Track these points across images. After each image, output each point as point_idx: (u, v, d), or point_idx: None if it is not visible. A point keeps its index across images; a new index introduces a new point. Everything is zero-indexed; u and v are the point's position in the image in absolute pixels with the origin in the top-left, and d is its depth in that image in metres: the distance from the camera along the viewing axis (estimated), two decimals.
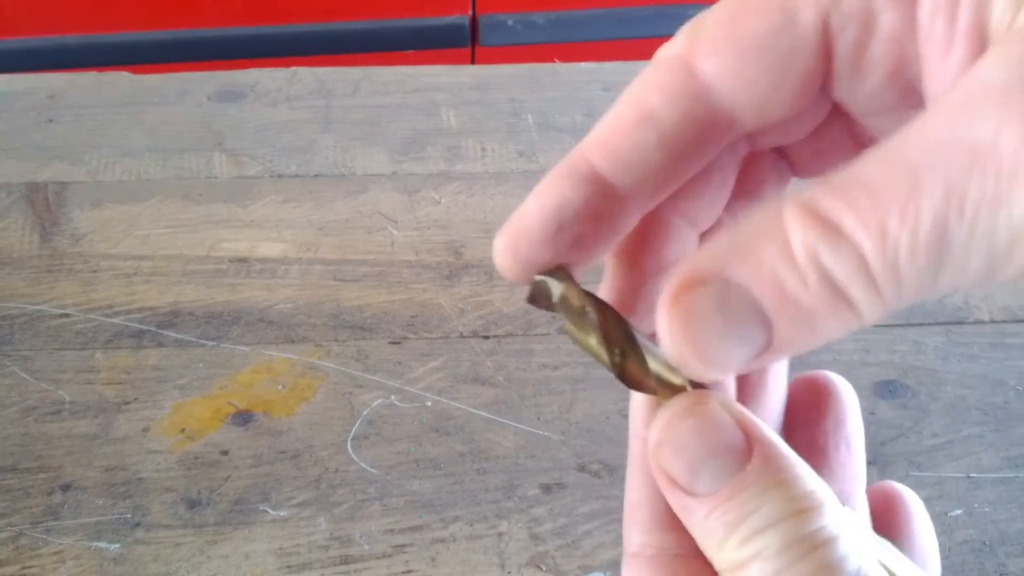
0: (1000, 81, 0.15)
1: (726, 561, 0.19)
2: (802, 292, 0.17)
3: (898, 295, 0.17)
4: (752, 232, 0.18)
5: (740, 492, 0.19)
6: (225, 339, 0.51)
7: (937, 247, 0.16)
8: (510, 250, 0.21)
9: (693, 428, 0.20)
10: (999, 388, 0.49)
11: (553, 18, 1.27)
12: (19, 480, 0.44)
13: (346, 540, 0.42)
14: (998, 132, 0.15)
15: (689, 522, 0.20)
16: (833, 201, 0.17)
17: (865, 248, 0.16)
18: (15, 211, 0.58)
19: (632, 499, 0.22)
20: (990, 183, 0.15)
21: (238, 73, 0.69)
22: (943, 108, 0.16)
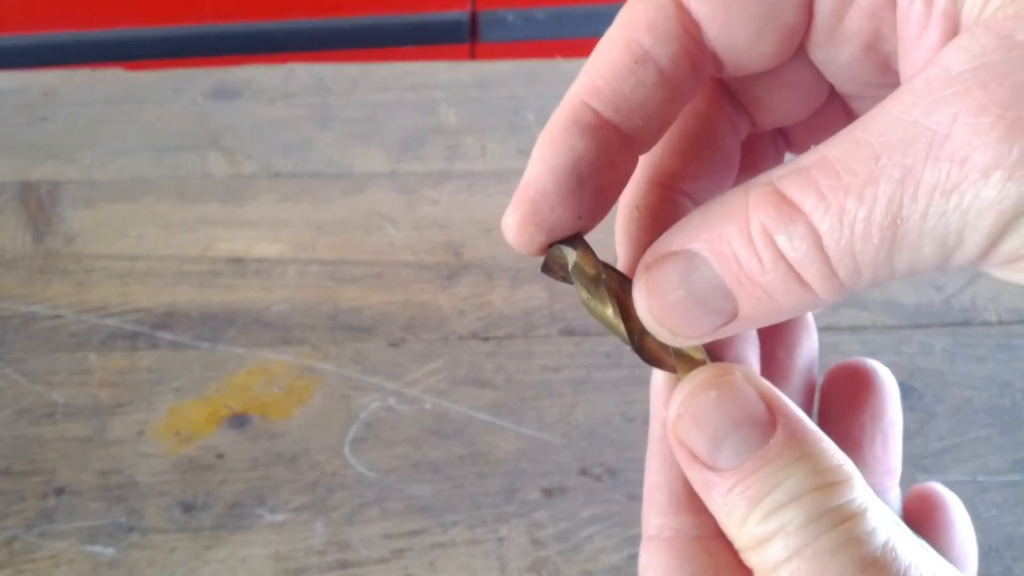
0: (960, 71, 0.16)
1: (748, 537, 0.19)
2: (758, 271, 0.18)
3: (855, 276, 0.17)
4: (719, 210, 0.18)
5: (763, 466, 0.19)
6: (221, 341, 0.50)
7: (891, 229, 0.16)
8: (529, 218, 0.20)
9: (715, 400, 0.19)
10: (1006, 390, 0.49)
11: (554, 14, 1.26)
12: (13, 483, 0.43)
13: (344, 545, 0.42)
14: (953, 121, 0.16)
15: (710, 498, 0.19)
16: (795, 182, 0.17)
17: (821, 228, 0.17)
18: (7, 211, 0.57)
19: (651, 481, 0.22)
20: (943, 170, 0.16)
21: (234, 70, 0.69)
22: (907, 92, 0.17)
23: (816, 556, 0.18)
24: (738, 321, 0.19)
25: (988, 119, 0.15)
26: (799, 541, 0.18)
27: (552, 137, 0.20)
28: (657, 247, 0.20)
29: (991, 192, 0.15)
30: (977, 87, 0.16)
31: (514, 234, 0.20)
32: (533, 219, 0.20)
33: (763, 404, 0.19)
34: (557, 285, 0.53)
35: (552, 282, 0.53)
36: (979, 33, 0.16)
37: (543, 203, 0.20)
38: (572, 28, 1.26)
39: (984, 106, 0.15)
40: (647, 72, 0.20)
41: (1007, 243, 0.16)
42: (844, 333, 0.51)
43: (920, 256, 0.17)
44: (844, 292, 0.18)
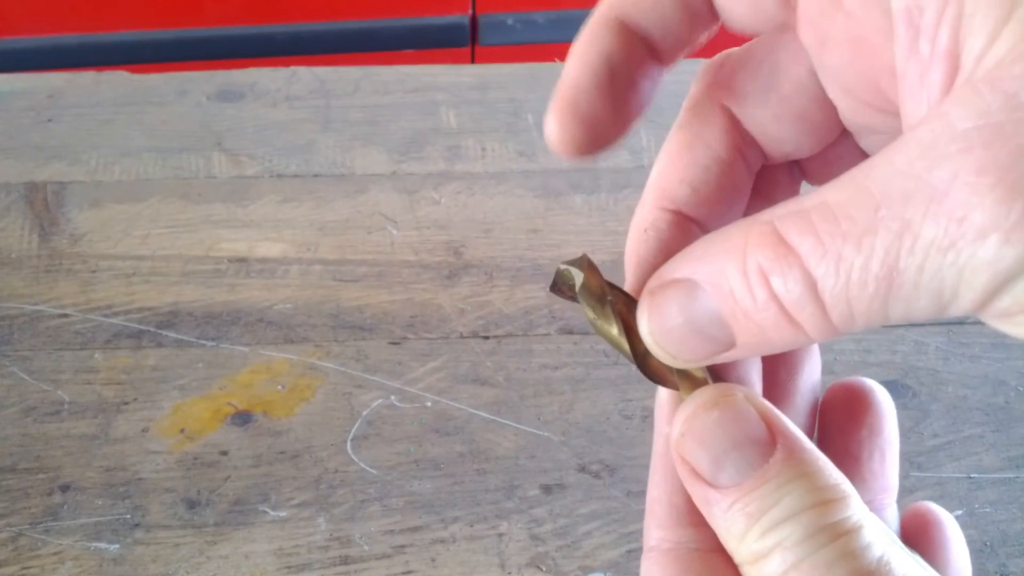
0: (964, 128, 0.16)
1: (747, 552, 0.19)
2: (752, 308, 0.18)
3: (849, 321, 0.17)
4: (721, 243, 0.19)
5: (762, 484, 0.19)
6: (224, 339, 0.50)
7: (887, 279, 0.17)
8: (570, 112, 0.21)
9: (717, 420, 0.20)
10: (1000, 388, 0.49)
11: (553, 17, 1.27)
12: (18, 480, 0.44)
13: (346, 541, 0.42)
14: (953, 179, 0.16)
15: (710, 514, 0.20)
16: (795, 224, 0.17)
17: (817, 274, 0.17)
18: (14, 211, 0.57)
19: (653, 494, 0.22)
20: (941, 226, 0.16)
21: (237, 73, 0.69)
22: (912, 144, 0.17)
23: (813, 570, 0.18)
24: (735, 351, 0.19)
25: (988, 180, 0.15)
26: (796, 556, 0.18)
27: (585, 39, 0.21)
28: (662, 273, 0.20)
29: (987, 253, 0.16)
30: (980, 146, 0.16)
31: (556, 131, 0.21)
32: (574, 113, 0.21)
33: (763, 424, 0.20)
34: None
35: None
36: (985, 91, 0.16)
37: (580, 95, 0.21)
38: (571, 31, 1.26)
39: (985, 166, 0.15)
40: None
41: (1001, 301, 0.16)
42: None
43: (915, 307, 0.17)
44: (837, 334, 0.18)
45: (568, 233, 0.57)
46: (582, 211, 0.58)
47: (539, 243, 0.56)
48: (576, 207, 0.58)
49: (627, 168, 0.61)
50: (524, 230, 0.57)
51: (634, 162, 0.62)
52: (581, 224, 0.57)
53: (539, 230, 0.57)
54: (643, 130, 0.64)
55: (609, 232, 0.57)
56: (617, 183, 0.60)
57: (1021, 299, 0.16)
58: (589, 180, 0.60)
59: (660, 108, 0.74)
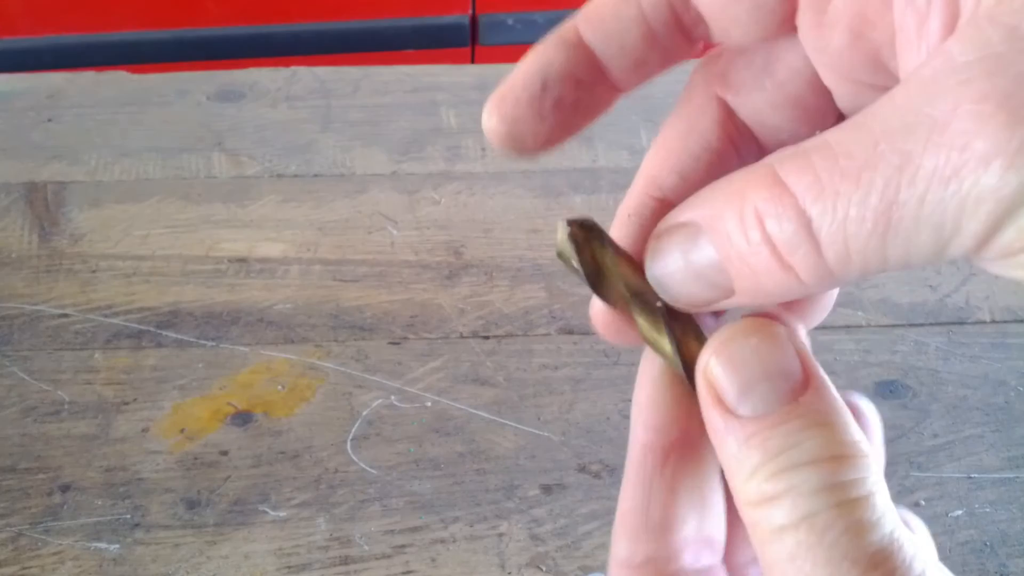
0: (965, 60, 0.16)
1: (754, 493, 0.19)
2: (746, 251, 0.18)
3: (844, 262, 0.17)
4: (725, 187, 0.19)
5: (788, 421, 0.19)
6: (224, 339, 0.50)
7: (886, 214, 0.16)
8: (496, 110, 0.21)
9: (754, 347, 0.19)
10: (1000, 388, 0.49)
11: (553, 17, 1.26)
12: (18, 480, 0.44)
13: (346, 541, 0.42)
14: (955, 109, 0.16)
15: (723, 444, 0.19)
16: (794, 164, 0.17)
17: (812, 212, 0.17)
18: (14, 211, 0.58)
19: (625, 505, 0.22)
20: (943, 156, 0.16)
21: (237, 73, 0.69)
22: (912, 82, 0.17)
23: (825, 530, 0.17)
24: (734, 298, 0.19)
25: (990, 107, 0.15)
26: (806, 508, 0.18)
27: (538, 46, 0.22)
28: (669, 217, 0.20)
29: (990, 180, 0.15)
30: (981, 76, 0.15)
31: (484, 120, 0.22)
32: (499, 111, 0.21)
33: (799, 363, 0.19)
34: (556, 285, 0.54)
35: (551, 282, 0.54)
36: (984, 25, 0.16)
37: (508, 97, 0.21)
38: None
39: (987, 94, 0.15)
40: (628, 8, 0.21)
41: (1004, 234, 0.16)
42: (839, 332, 0.52)
43: (915, 244, 0.16)
44: (833, 280, 0.18)
45: None
46: (582, 211, 0.58)
47: (539, 243, 0.56)
48: (576, 207, 0.58)
49: (627, 168, 0.61)
50: (524, 230, 0.57)
51: (634, 162, 0.62)
52: None
53: (539, 230, 0.57)
54: (643, 130, 0.64)
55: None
56: (617, 183, 0.60)
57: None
58: (589, 180, 0.60)
59: (660, 108, 0.74)
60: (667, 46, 0.21)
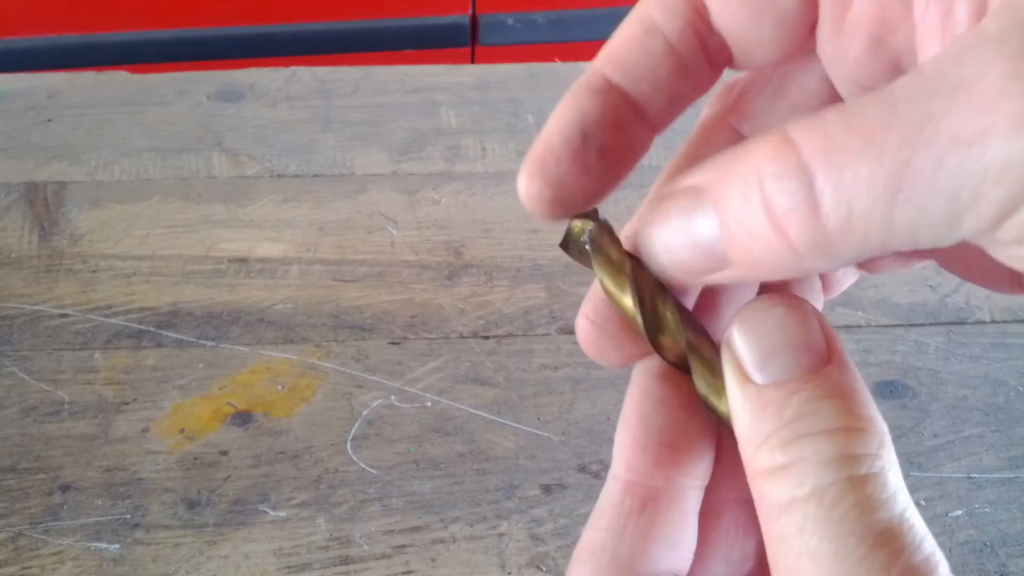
0: (996, 31, 0.15)
1: (765, 462, 0.18)
2: (742, 212, 0.17)
3: (846, 229, 0.16)
4: (735, 151, 0.18)
5: (805, 390, 0.18)
6: (224, 339, 0.50)
7: (898, 178, 0.15)
8: (537, 173, 0.20)
9: (780, 317, 0.19)
10: (1000, 388, 0.49)
11: (553, 17, 1.27)
12: (18, 480, 0.44)
13: (346, 541, 0.42)
14: (984, 71, 0.15)
15: (738, 409, 0.19)
16: (806, 126, 0.16)
17: (816, 170, 0.16)
18: (14, 211, 0.58)
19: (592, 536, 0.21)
20: (967, 118, 0.14)
21: (237, 73, 0.69)
22: (941, 55, 0.16)
23: (834, 504, 0.17)
24: (728, 271, 0.18)
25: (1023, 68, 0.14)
26: (820, 479, 0.17)
27: (565, 100, 0.21)
28: (675, 180, 0.19)
29: (1019, 145, 0.14)
30: (1015, 39, 0.14)
31: (523, 188, 0.20)
32: (541, 173, 0.20)
33: (823, 339, 0.19)
34: (556, 285, 0.54)
35: (551, 282, 0.54)
36: (1017, 3, 0.15)
37: (548, 157, 0.20)
38: (571, 32, 1.27)
39: (1019, 54, 0.14)
40: (655, 42, 0.20)
41: (1022, 213, 0.15)
42: (839, 332, 0.52)
43: (926, 214, 0.15)
44: (827, 250, 0.16)
45: None
46: None
47: (539, 243, 0.56)
48: None
49: None
50: (524, 230, 0.57)
51: None
52: None
53: (539, 230, 0.57)
54: None
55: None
56: None
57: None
58: None
59: None
60: (696, 76, 0.21)
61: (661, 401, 0.21)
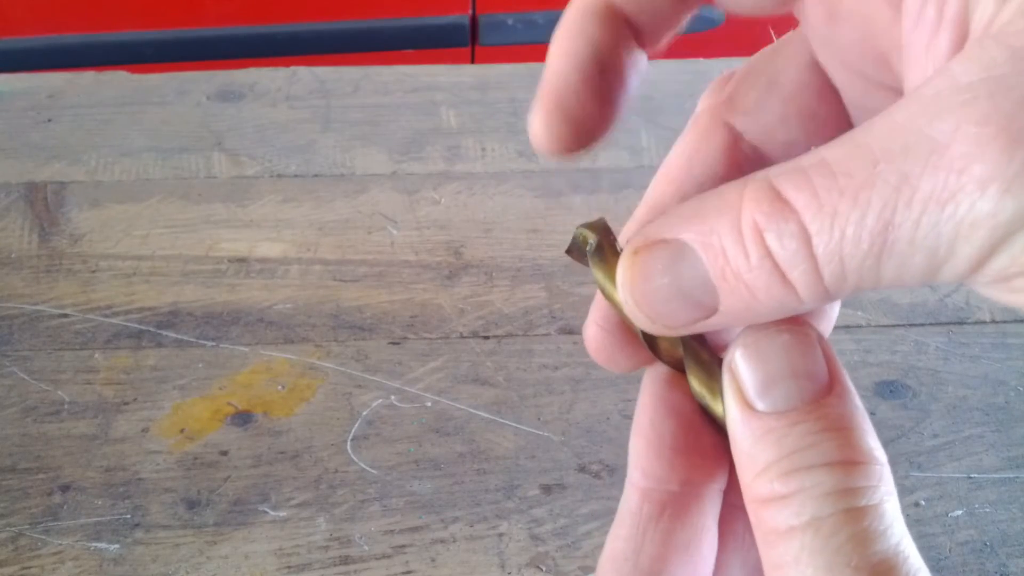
0: (968, 81, 0.16)
1: (763, 490, 0.18)
2: (744, 267, 0.17)
3: (840, 281, 0.17)
4: (715, 201, 0.18)
5: (805, 421, 0.18)
6: (224, 339, 0.50)
7: (882, 235, 0.16)
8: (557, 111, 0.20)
9: (784, 344, 0.19)
10: (1000, 388, 0.49)
11: (553, 17, 1.26)
12: (18, 480, 0.44)
13: (346, 541, 0.42)
14: (955, 132, 0.15)
15: (738, 435, 0.19)
16: (791, 180, 0.17)
17: (812, 229, 0.17)
18: (14, 211, 0.58)
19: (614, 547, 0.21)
20: (941, 179, 0.15)
21: (237, 73, 0.69)
22: (913, 101, 0.16)
23: (831, 535, 0.17)
24: (717, 317, 0.19)
25: (990, 130, 0.15)
26: (818, 510, 0.17)
27: (569, 29, 0.20)
28: (648, 232, 0.19)
29: (987, 205, 0.15)
30: (983, 97, 0.15)
31: (541, 130, 0.20)
32: (561, 113, 0.20)
33: (826, 366, 0.19)
34: (556, 285, 0.54)
35: (551, 282, 0.54)
36: (989, 45, 0.16)
37: (569, 94, 0.20)
38: None
39: (988, 117, 0.15)
40: None
41: (998, 260, 0.16)
42: (839, 332, 0.52)
43: (908, 266, 0.16)
44: (827, 298, 0.17)
45: (568, 233, 0.57)
46: (582, 211, 0.58)
47: (539, 243, 0.56)
48: (576, 207, 0.58)
49: (627, 168, 0.61)
50: (524, 230, 0.57)
51: (634, 162, 0.62)
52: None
53: (539, 230, 0.57)
54: (643, 131, 0.64)
55: None
56: (617, 183, 0.60)
57: (1018, 257, 0.16)
58: (589, 180, 0.60)
59: (660, 108, 0.74)
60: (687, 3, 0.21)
61: (672, 406, 0.22)
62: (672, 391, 0.22)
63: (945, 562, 0.42)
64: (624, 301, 0.20)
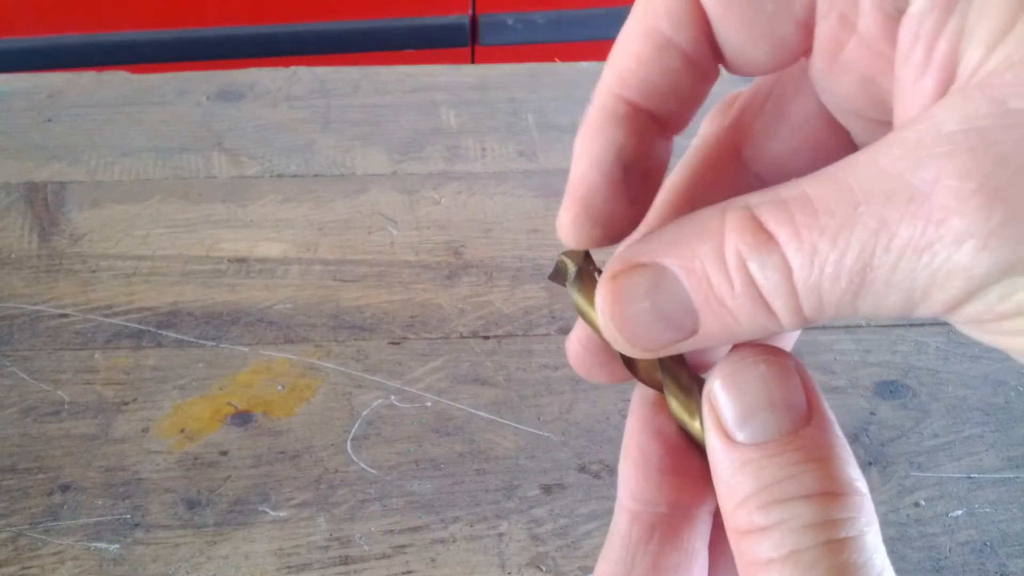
0: (950, 131, 0.16)
1: (743, 521, 0.18)
2: (727, 293, 0.18)
3: (818, 312, 0.17)
4: (694, 228, 0.18)
5: (784, 452, 0.18)
6: (224, 339, 0.50)
7: (860, 275, 0.17)
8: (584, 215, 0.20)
9: (761, 375, 0.19)
10: (1000, 388, 0.49)
11: (553, 17, 1.27)
12: (18, 480, 0.44)
13: (346, 541, 0.42)
14: (935, 182, 0.16)
15: (718, 467, 0.19)
16: (774, 212, 0.17)
17: (793, 264, 0.17)
18: (14, 211, 0.58)
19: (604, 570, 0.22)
20: (919, 228, 0.16)
21: (237, 73, 0.69)
22: (897, 144, 0.17)
23: (810, 568, 0.17)
24: (696, 339, 0.19)
25: (970, 185, 0.15)
26: (798, 542, 0.18)
27: (591, 132, 0.20)
28: (626, 256, 0.19)
29: (963, 258, 0.16)
30: (964, 151, 0.16)
31: (571, 232, 0.21)
32: (588, 215, 0.21)
33: (804, 396, 0.19)
34: (556, 285, 0.54)
35: (551, 282, 0.54)
36: (974, 94, 0.16)
37: (595, 198, 0.20)
38: (571, 31, 1.27)
39: (968, 171, 0.15)
40: (672, 58, 0.20)
41: (972, 306, 0.16)
42: (839, 332, 0.52)
43: (884, 303, 0.17)
44: (805, 324, 0.18)
45: None
46: None
47: (539, 243, 0.56)
48: None
49: None
50: (524, 230, 0.57)
51: None
52: None
53: (539, 230, 0.57)
54: None
55: None
56: None
57: (993, 306, 0.16)
58: None
59: None
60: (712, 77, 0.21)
61: (659, 429, 0.22)
62: (658, 414, 0.22)
63: (945, 562, 0.42)
64: (603, 326, 0.20)
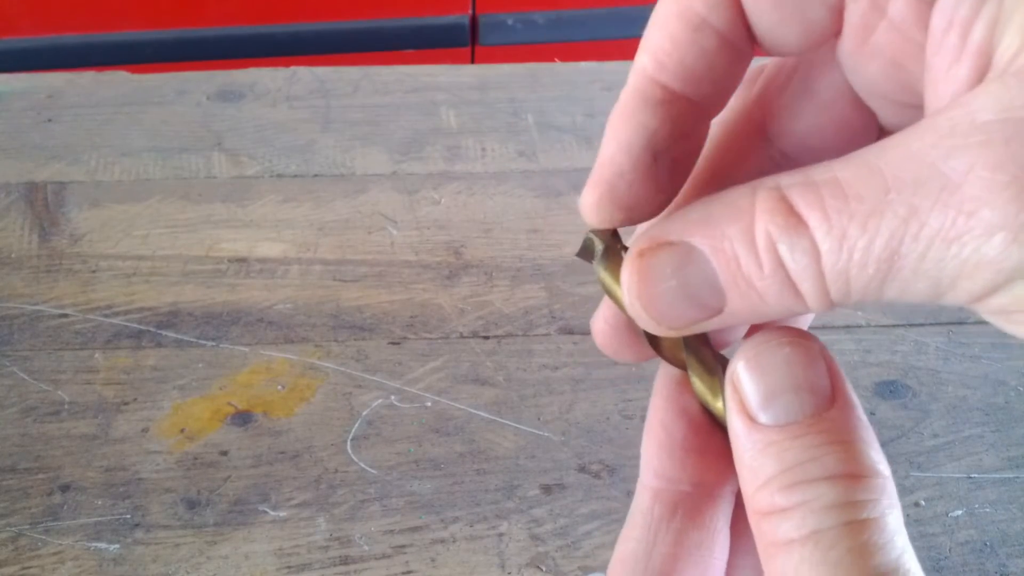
0: (985, 120, 0.16)
1: (764, 503, 0.18)
2: (756, 274, 0.18)
3: (844, 296, 0.17)
4: (723, 207, 0.18)
5: (807, 434, 0.18)
6: (224, 339, 0.50)
7: (888, 263, 0.16)
8: (607, 197, 0.20)
9: (786, 357, 0.19)
10: (1000, 388, 0.49)
11: (553, 17, 1.27)
12: (18, 480, 0.44)
13: (346, 541, 0.42)
14: (968, 171, 0.16)
15: (740, 448, 0.19)
16: (804, 195, 0.17)
17: (822, 248, 0.17)
18: (14, 211, 0.58)
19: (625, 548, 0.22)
20: (949, 218, 0.16)
21: (237, 73, 0.69)
22: (930, 131, 0.16)
23: (831, 548, 0.17)
24: (721, 317, 0.19)
25: (1004, 177, 0.15)
26: (819, 523, 0.18)
27: (624, 115, 0.20)
28: (653, 234, 0.19)
29: (992, 250, 0.16)
30: (999, 141, 0.15)
31: (593, 213, 0.20)
32: (611, 198, 0.20)
33: (828, 378, 0.19)
34: (556, 285, 0.54)
35: (551, 282, 0.54)
36: (1012, 83, 0.16)
37: (620, 182, 0.20)
38: (571, 31, 1.27)
39: (1002, 163, 0.15)
40: (708, 39, 0.20)
41: (998, 298, 0.16)
42: (839, 332, 0.52)
43: (911, 290, 0.17)
44: (832, 307, 0.18)
45: (568, 233, 0.57)
46: None
47: (539, 243, 0.56)
48: (576, 207, 0.58)
49: None
50: (524, 230, 0.57)
51: None
52: (581, 224, 0.57)
53: (539, 230, 0.57)
54: None
55: None
56: None
57: (1021, 298, 0.16)
58: None
59: None
60: (748, 59, 0.20)
61: (683, 407, 0.22)
62: (683, 392, 0.22)
63: (945, 562, 0.42)
64: (629, 303, 0.20)
